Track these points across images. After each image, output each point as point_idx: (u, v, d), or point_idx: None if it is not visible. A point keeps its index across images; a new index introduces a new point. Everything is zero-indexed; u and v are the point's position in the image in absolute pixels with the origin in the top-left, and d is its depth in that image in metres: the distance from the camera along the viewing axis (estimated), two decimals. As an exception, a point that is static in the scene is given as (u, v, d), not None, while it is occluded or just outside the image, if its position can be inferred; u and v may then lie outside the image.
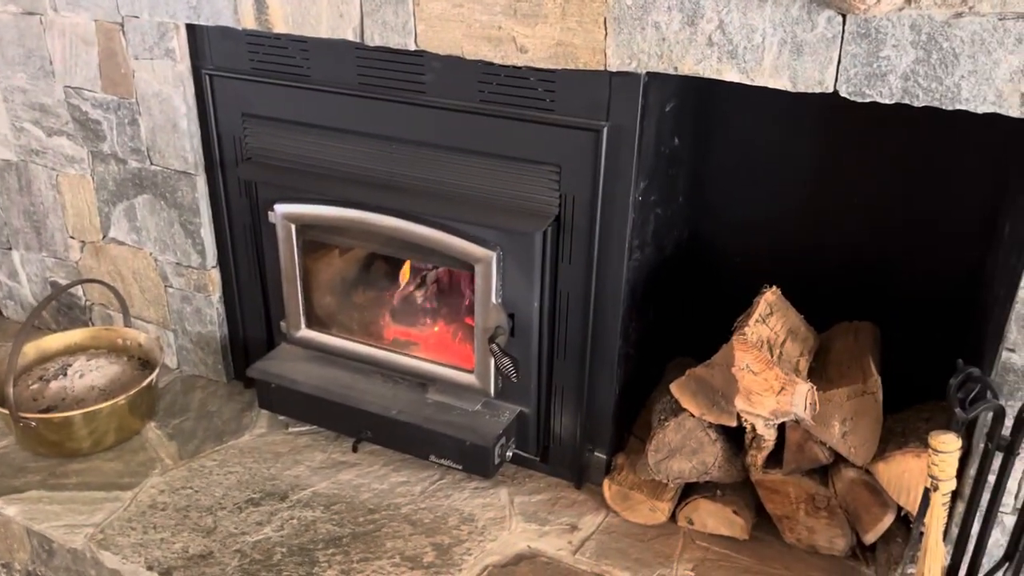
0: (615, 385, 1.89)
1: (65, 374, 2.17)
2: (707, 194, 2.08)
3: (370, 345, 2.09)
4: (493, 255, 1.80)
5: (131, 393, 2.07)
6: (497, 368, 1.89)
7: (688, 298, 2.16)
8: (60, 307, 2.54)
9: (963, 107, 1.32)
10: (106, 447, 2.10)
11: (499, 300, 1.85)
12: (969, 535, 1.50)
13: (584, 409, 1.92)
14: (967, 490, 1.52)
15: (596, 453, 1.98)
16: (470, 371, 1.96)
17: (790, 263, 2.02)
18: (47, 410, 2.08)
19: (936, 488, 1.35)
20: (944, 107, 1.33)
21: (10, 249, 2.53)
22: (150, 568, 1.77)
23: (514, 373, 1.88)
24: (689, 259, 2.13)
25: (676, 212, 1.98)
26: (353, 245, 2.10)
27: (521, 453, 2.02)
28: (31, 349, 2.24)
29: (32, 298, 2.59)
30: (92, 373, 2.19)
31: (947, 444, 1.32)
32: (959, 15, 1.27)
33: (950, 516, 1.55)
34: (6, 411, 1.98)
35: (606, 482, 1.91)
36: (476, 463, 1.94)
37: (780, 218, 2.03)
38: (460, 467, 1.97)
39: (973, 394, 1.40)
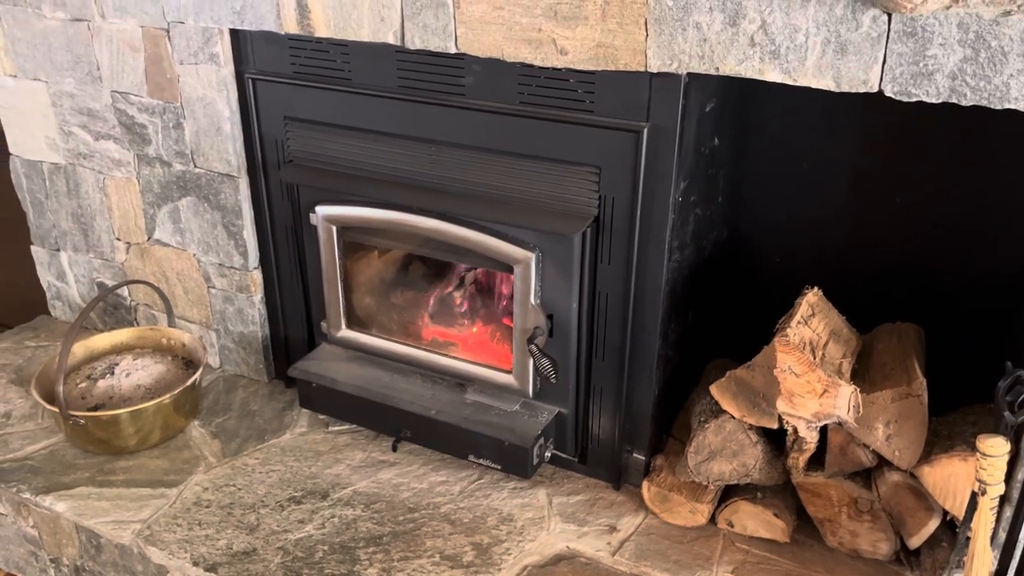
0: (654, 386, 1.89)
1: (112, 373, 2.22)
2: (747, 194, 2.07)
3: (409, 345, 2.11)
4: (532, 256, 1.81)
5: (176, 392, 2.11)
6: (536, 369, 1.90)
7: (728, 299, 2.15)
8: (106, 307, 2.60)
9: (1012, 106, 1.30)
10: (152, 445, 2.14)
11: (538, 301, 1.85)
12: (1017, 540, 1.48)
13: (623, 410, 1.92)
14: (1015, 494, 1.49)
15: (635, 454, 1.98)
16: (509, 372, 1.97)
17: (831, 263, 2.00)
18: (95, 408, 2.13)
19: (984, 492, 1.33)
20: (993, 106, 1.31)
21: (58, 251, 2.59)
22: (196, 564, 1.80)
23: (553, 374, 1.89)
24: (729, 259, 2.12)
25: (716, 212, 1.97)
26: (393, 246, 2.12)
27: (559, 454, 2.02)
28: (79, 348, 2.29)
29: (79, 299, 2.65)
30: (138, 372, 2.23)
31: (995, 448, 1.30)
32: (1007, 13, 1.25)
33: (997, 521, 1.53)
34: (56, 409, 2.03)
35: (645, 483, 1.91)
36: (515, 463, 1.95)
37: (821, 218, 2.01)
38: (499, 467, 1.98)
39: (1022, 397, 1.38)
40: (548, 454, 1.99)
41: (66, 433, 2.13)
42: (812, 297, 1.73)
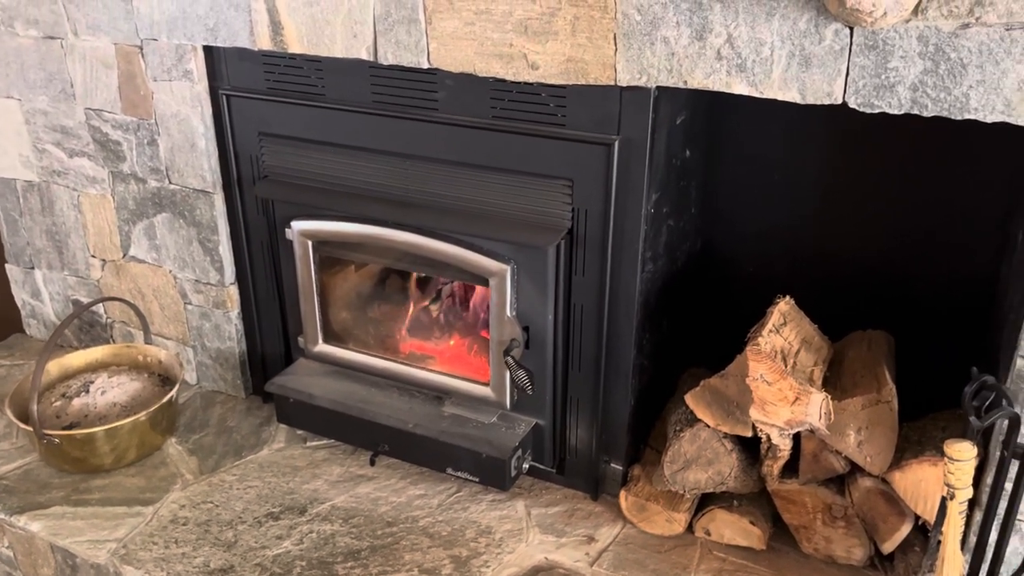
0: (630, 396, 1.90)
1: (87, 391, 2.21)
2: (719, 205, 2.09)
3: (386, 359, 2.11)
4: (507, 269, 1.82)
5: (152, 409, 2.10)
6: (512, 381, 1.90)
7: (702, 308, 2.17)
8: (82, 325, 2.58)
9: (972, 116, 1.33)
10: (128, 463, 2.13)
11: (514, 313, 1.86)
12: (987, 543, 1.49)
13: (599, 421, 1.93)
14: (984, 498, 1.51)
15: (612, 464, 1.99)
16: (486, 384, 1.97)
17: (803, 272, 2.03)
18: (70, 427, 2.11)
19: (953, 497, 1.35)
20: (953, 117, 1.34)
21: (33, 268, 2.58)
22: (172, 582, 1.80)
23: (529, 385, 1.90)
24: (702, 270, 2.14)
25: (688, 223, 1.99)
26: (369, 261, 2.13)
27: (537, 465, 2.03)
28: (54, 367, 2.27)
29: (54, 316, 2.63)
30: (114, 390, 2.22)
31: (963, 452, 1.32)
32: (966, 26, 1.28)
33: (968, 525, 1.55)
34: (30, 428, 2.01)
35: (622, 493, 1.92)
36: (493, 475, 1.95)
37: (793, 228, 2.04)
38: (477, 480, 1.98)
39: (988, 402, 1.40)
40: (526, 466, 2.00)
41: (40, 452, 2.11)
42: (784, 306, 1.75)
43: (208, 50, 2.01)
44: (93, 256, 2.44)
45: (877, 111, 1.39)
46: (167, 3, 1.92)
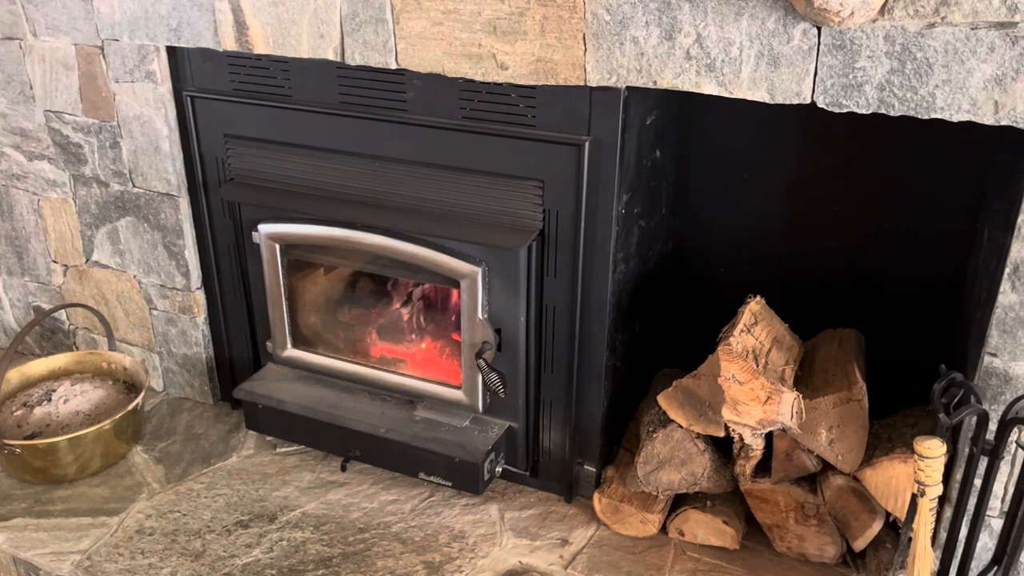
0: (603, 398, 1.89)
1: (49, 399, 2.16)
2: (691, 205, 2.10)
3: (357, 363, 2.09)
4: (479, 271, 1.81)
5: (116, 417, 2.05)
6: (485, 384, 1.89)
7: (675, 308, 2.17)
8: (44, 332, 2.53)
9: (938, 116, 1.34)
10: (92, 472, 2.08)
11: (485, 315, 1.85)
12: (957, 539, 1.51)
13: (573, 422, 1.92)
14: (954, 494, 1.53)
15: (586, 466, 1.98)
16: (458, 387, 1.96)
17: (775, 271, 2.04)
18: (31, 436, 2.06)
19: (923, 493, 1.36)
20: (920, 116, 1.35)
21: (-8, 275, 2.52)
22: (138, 594, 1.76)
23: (501, 388, 1.88)
24: (675, 270, 2.14)
25: (660, 223, 1.99)
26: (338, 264, 2.10)
27: (511, 468, 2.02)
28: (14, 375, 2.22)
29: (15, 323, 2.57)
30: (77, 398, 2.17)
31: (932, 449, 1.33)
32: (932, 25, 1.29)
33: (938, 521, 1.57)
34: (-10, 438, 1.97)
35: (596, 495, 1.91)
36: (466, 480, 1.94)
37: (764, 227, 2.05)
38: (450, 484, 1.97)
39: (957, 399, 1.41)
40: (499, 469, 1.98)
41: (1, 463, 2.06)
42: (755, 306, 1.75)
43: (171, 51, 1.98)
44: (55, 261, 2.38)
45: (845, 111, 1.39)
46: (128, 3, 1.88)
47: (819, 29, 1.35)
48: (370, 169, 1.87)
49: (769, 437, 1.72)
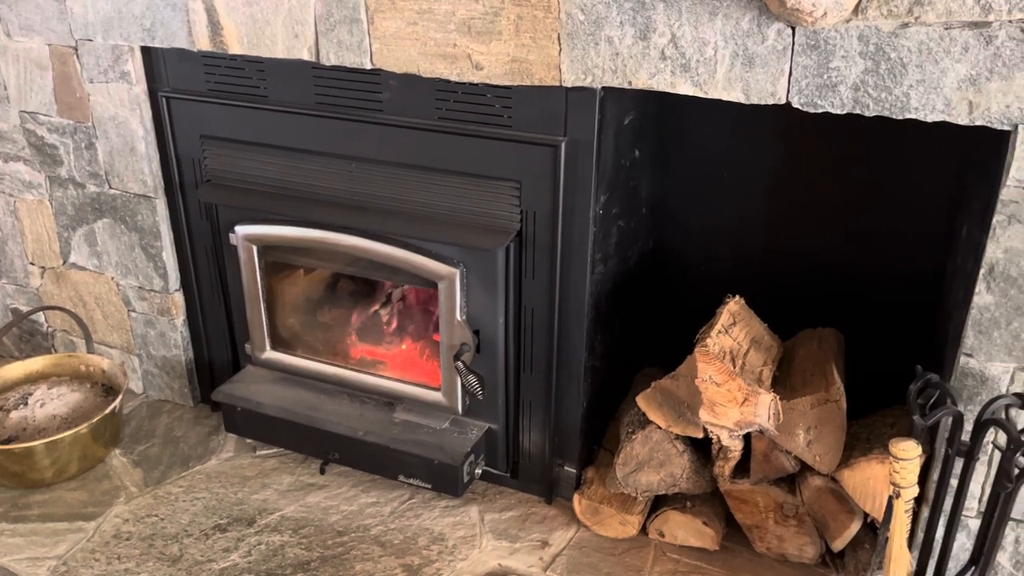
0: (582, 399, 1.89)
1: (26, 403, 2.14)
2: (670, 204, 2.09)
3: (336, 365, 2.07)
4: (456, 272, 1.79)
5: (94, 421, 2.04)
6: (463, 385, 1.88)
7: (655, 308, 2.17)
8: (21, 334, 2.50)
9: (913, 116, 1.34)
10: (69, 476, 2.06)
11: (464, 317, 1.84)
12: (934, 540, 1.50)
13: (552, 424, 1.91)
14: (931, 495, 1.52)
15: (566, 467, 1.97)
16: (437, 389, 1.95)
17: (754, 270, 2.03)
18: (7, 441, 2.04)
19: (899, 495, 1.35)
20: (894, 116, 1.35)
21: (-31, 277, 2.49)
22: (114, 600, 1.74)
23: (480, 390, 1.87)
24: (654, 269, 2.13)
25: (639, 223, 1.98)
26: (316, 265, 2.09)
27: (491, 470, 2.01)
28: (-9, 378, 2.20)
29: (-7, 326, 2.55)
30: (54, 401, 2.15)
31: (907, 451, 1.32)
32: (905, 25, 1.29)
33: (915, 521, 1.56)
34: (-36, 443, 1.95)
35: (576, 497, 1.90)
36: (445, 482, 1.93)
37: (744, 226, 2.04)
38: (429, 486, 1.96)
39: (933, 400, 1.41)
40: (479, 471, 1.97)
41: (-23, 468, 2.04)
42: (733, 306, 1.75)
43: (146, 51, 1.95)
44: (32, 263, 2.36)
45: (820, 111, 1.39)
46: (102, 3, 1.86)
47: (793, 29, 1.34)
48: (346, 170, 1.85)
49: (748, 438, 1.71)
